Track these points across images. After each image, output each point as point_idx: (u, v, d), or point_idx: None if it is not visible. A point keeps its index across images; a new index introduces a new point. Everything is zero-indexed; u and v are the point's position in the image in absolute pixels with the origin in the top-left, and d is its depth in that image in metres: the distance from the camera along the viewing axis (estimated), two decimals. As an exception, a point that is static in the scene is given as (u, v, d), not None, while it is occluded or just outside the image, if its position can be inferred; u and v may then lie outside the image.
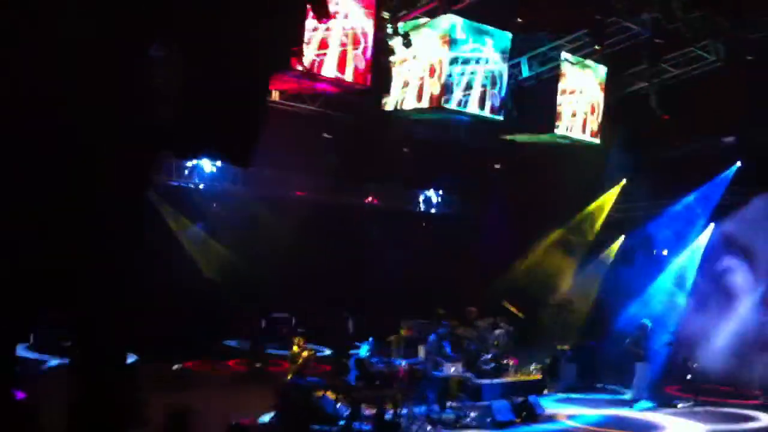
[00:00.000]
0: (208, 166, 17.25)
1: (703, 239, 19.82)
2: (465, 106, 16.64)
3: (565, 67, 18.08)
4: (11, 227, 7.39)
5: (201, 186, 17.49)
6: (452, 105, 16.38)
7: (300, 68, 14.48)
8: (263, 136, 14.22)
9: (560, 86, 18.17)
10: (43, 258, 8.53)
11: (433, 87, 16.22)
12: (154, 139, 11.92)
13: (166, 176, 16.63)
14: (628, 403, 16.36)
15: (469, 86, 16.51)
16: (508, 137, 19.29)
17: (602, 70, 18.76)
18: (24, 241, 7.60)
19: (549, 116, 18.49)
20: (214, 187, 17.48)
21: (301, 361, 13.80)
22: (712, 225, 19.68)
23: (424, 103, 16.39)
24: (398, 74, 16.46)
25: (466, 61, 16.39)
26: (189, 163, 16.86)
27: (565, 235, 21.44)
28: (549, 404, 15.58)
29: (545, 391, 16.97)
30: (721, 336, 17.77)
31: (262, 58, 13.73)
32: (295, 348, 14.24)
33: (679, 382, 17.38)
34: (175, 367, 16.33)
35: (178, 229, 17.59)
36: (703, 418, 15.21)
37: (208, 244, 17.99)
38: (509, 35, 17.00)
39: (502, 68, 17.06)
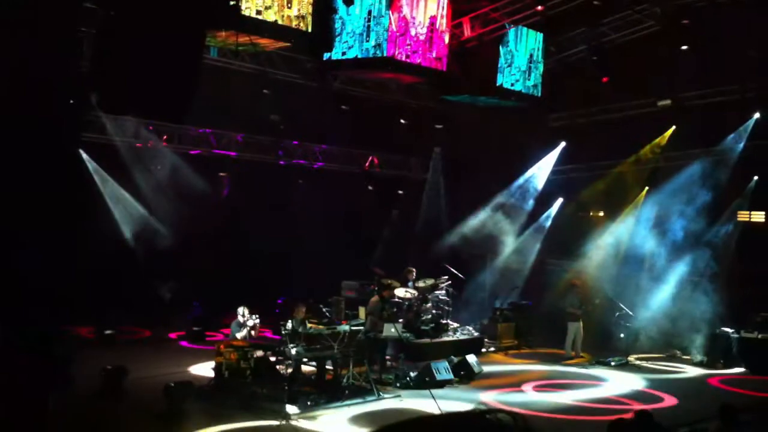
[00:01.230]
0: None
1: (637, 203, 20.13)
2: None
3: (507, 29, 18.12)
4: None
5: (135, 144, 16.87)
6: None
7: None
8: (199, 93, 13.88)
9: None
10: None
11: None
12: (82, 93, 11.52)
13: (96, 133, 15.89)
14: (562, 361, 16.74)
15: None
16: (449, 97, 19.24)
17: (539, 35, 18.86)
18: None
19: (491, 77, 18.51)
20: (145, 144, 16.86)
21: (245, 329, 13.67)
22: (645, 189, 19.98)
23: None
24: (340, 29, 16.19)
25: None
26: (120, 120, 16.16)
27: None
28: (487, 363, 15.80)
29: (483, 350, 17.22)
30: (650, 298, 18.28)
31: (198, 12, 13.31)
32: (240, 318, 14.07)
33: (612, 341, 17.83)
34: (108, 332, 15.99)
35: (106, 191, 16.89)
36: (636, 372, 15.83)
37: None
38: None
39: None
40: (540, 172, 21.71)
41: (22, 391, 8.74)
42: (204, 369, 13.73)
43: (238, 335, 13.44)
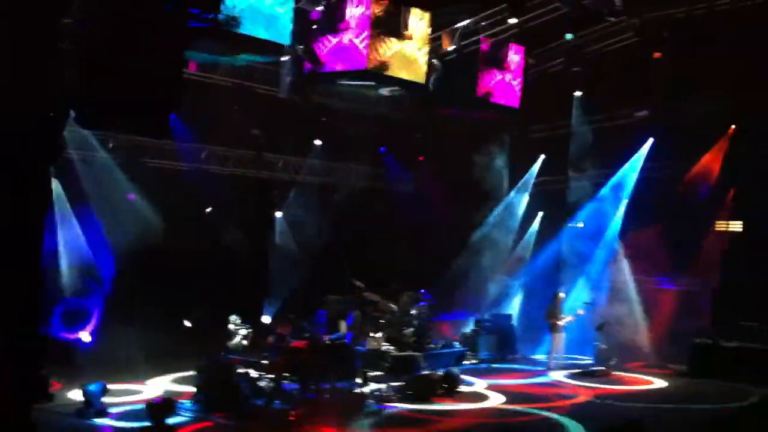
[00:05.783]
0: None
1: (618, 215, 20.25)
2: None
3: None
4: None
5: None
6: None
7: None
8: (180, 108, 13.83)
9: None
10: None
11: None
12: (61, 108, 11.40)
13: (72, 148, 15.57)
14: (544, 372, 16.82)
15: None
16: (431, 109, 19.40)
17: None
18: None
19: (470, 89, 18.61)
20: (126, 160, 16.58)
21: (237, 339, 13.67)
22: (625, 201, 20.12)
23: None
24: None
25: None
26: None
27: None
28: (469, 375, 15.82)
29: (465, 362, 17.25)
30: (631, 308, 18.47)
31: (179, 27, 13.26)
32: (231, 326, 14.05)
33: (593, 351, 17.93)
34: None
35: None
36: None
37: None
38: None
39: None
40: (523, 186, 21.81)
41: (4, 405, 8.63)
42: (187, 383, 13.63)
43: (230, 343, 13.43)
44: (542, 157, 21.50)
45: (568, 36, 18.00)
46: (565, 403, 13.90)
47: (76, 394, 12.14)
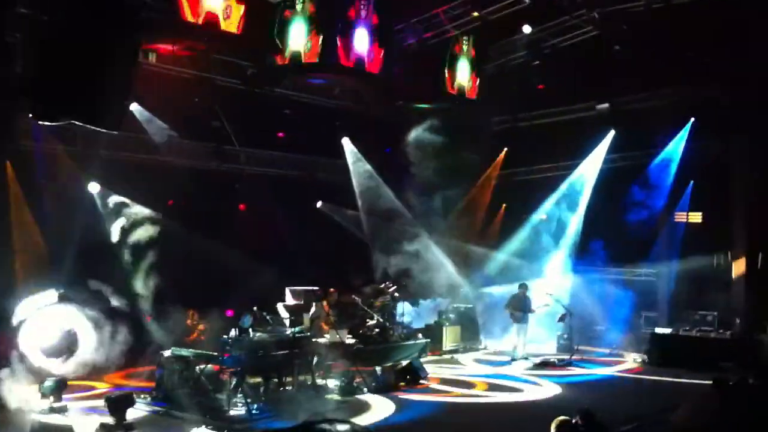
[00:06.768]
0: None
1: (580, 207, 20.43)
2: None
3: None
4: None
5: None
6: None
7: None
8: (138, 99, 13.51)
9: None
10: None
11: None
12: (11, 98, 11.14)
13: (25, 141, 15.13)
14: (508, 362, 16.92)
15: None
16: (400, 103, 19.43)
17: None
18: None
19: (435, 81, 18.65)
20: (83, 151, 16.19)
21: (195, 334, 13.52)
22: (587, 193, 20.30)
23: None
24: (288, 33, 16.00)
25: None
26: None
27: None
28: (433, 367, 15.86)
29: (429, 354, 17.28)
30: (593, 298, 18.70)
31: (134, 18, 13.05)
32: (189, 321, 13.88)
33: (556, 342, 18.12)
34: None
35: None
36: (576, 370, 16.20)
37: None
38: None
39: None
40: (487, 179, 21.88)
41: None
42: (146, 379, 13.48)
43: (187, 339, 13.32)
44: (505, 149, 21.59)
45: (527, 29, 18.06)
46: (527, 393, 14.03)
47: (33, 390, 11.94)
